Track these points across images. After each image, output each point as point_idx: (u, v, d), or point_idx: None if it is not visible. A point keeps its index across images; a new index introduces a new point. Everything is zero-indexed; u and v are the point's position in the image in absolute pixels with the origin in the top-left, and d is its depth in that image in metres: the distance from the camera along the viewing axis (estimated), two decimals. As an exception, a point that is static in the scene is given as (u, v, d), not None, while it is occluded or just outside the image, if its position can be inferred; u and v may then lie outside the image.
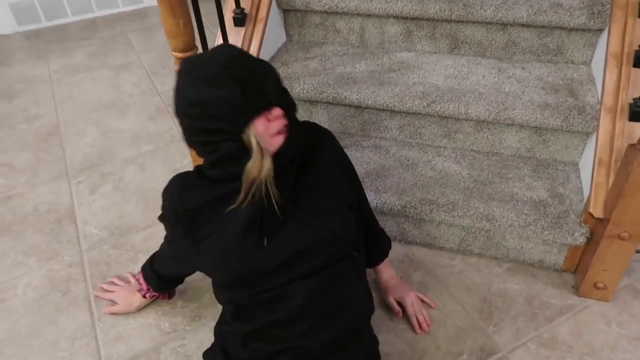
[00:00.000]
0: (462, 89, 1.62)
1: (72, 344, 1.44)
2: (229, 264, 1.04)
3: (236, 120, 0.91)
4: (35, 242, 1.77)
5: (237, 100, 0.89)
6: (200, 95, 0.90)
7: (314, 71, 1.75)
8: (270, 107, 0.93)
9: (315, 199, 1.08)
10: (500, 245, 1.55)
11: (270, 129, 0.94)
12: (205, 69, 0.91)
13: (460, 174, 1.60)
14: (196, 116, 0.92)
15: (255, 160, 0.94)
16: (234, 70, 0.90)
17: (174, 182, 1.09)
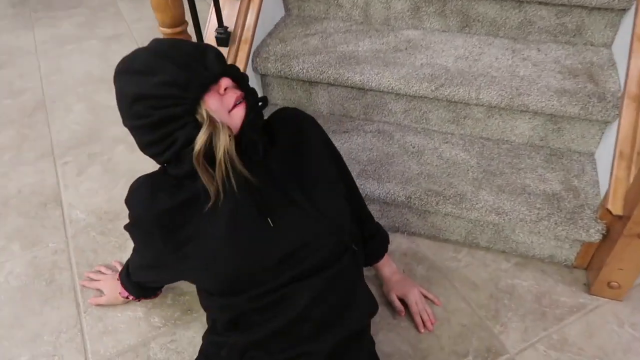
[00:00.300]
0: (473, 71, 1.51)
1: (57, 337, 1.37)
2: (220, 265, 0.95)
3: (183, 100, 0.85)
4: (19, 227, 1.68)
5: (177, 78, 0.84)
6: (139, 88, 0.85)
7: (314, 49, 1.63)
8: (217, 79, 0.88)
9: (309, 188, 1.00)
10: (509, 239, 1.47)
11: (225, 103, 0.89)
12: (136, 62, 0.87)
13: (469, 163, 1.51)
14: (142, 112, 0.86)
15: (203, 132, 0.86)
16: (166, 53, 0.86)
17: (141, 184, 0.97)
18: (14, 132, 2.09)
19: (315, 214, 0.97)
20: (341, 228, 1.01)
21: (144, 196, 0.95)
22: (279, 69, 1.61)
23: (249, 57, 1.59)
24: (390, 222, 1.56)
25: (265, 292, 0.96)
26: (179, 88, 0.83)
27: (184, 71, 0.84)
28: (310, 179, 1.01)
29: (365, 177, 1.48)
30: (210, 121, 0.86)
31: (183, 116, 0.85)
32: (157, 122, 0.85)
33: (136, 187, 0.97)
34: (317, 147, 1.06)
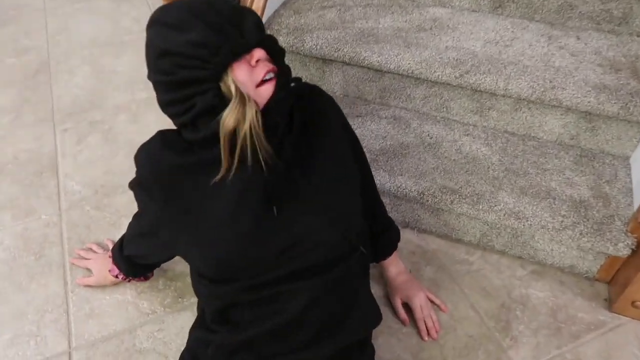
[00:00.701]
0: (503, 58, 1.37)
1: (42, 316, 1.31)
2: (216, 246, 0.87)
3: (210, 64, 0.77)
4: (13, 195, 1.62)
5: (208, 40, 0.76)
6: (167, 43, 0.78)
7: (331, 24, 1.50)
8: (250, 49, 0.80)
9: (320, 178, 0.91)
10: (527, 244, 1.36)
11: (254, 76, 0.80)
12: (169, 14, 0.80)
13: (490, 159, 1.38)
14: (167, 69, 0.79)
15: (233, 108, 0.78)
16: (201, 10, 0.78)
17: (152, 139, 0.91)
18: (16, 93, 2.01)
19: (322, 207, 0.89)
20: (349, 225, 0.92)
21: (152, 150, 0.89)
22: (291, 44, 1.48)
23: (259, 29, 1.47)
24: (400, 216, 1.45)
25: (259, 285, 0.88)
26: (208, 51, 0.76)
27: (217, 34, 0.76)
28: (323, 168, 0.91)
29: (376, 168, 1.37)
30: (239, 95, 0.78)
31: (206, 81, 0.78)
32: (180, 81, 0.78)
33: (146, 142, 0.91)
34: (335, 132, 0.97)
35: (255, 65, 0.80)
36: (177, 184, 0.86)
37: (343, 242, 0.92)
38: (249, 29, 0.79)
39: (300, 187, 0.88)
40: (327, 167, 0.91)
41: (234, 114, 0.78)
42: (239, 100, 0.78)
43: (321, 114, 0.94)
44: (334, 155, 0.94)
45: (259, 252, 0.86)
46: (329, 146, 0.93)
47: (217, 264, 0.88)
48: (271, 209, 0.85)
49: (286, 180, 0.87)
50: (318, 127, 0.92)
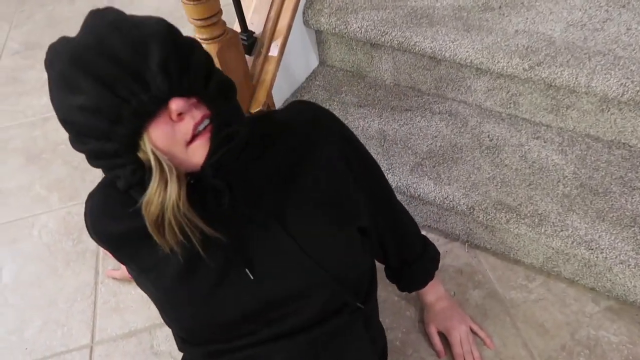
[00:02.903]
0: (588, 46, 1.09)
1: (71, 306, 1.32)
2: (174, 311, 0.76)
3: (113, 135, 0.59)
4: (61, 176, 1.64)
5: (102, 105, 0.58)
6: (61, 107, 0.61)
7: (379, 2, 1.30)
8: (165, 101, 0.59)
9: (310, 224, 0.74)
10: (602, 276, 1.11)
11: (179, 134, 0.61)
12: (55, 66, 0.60)
13: (562, 170, 1.13)
14: (73, 137, 0.63)
15: (153, 190, 0.62)
16: (88, 61, 0.57)
17: (97, 196, 0.77)
18: (77, 70, 2.04)
19: (306, 262, 0.72)
20: (341, 281, 0.75)
21: (93, 214, 0.76)
22: (333, 25, 1.30)
23: (297, 8, 1.30)
24: (448, 227, 1.26)
25: (233, 349, 0.76)
26: (106, 119, 0.58)
27: (111, 93, 0.57)
28: (309, 214, 0.74)
29: (420, 174, 1.18)
30: (159, 170, 0.61)
31: (118, 155, 0.61)
32: (93, 152, 0.63)
33: (89, 198, 0.79)
34: (329, 157, 0.77)
35: (177, 119, 0.60)
36: (126, 248, 0.74)
37: (333, 300, 0.76)
38: (154, 75, 0.58)
39: (278, 241, 0.71)
40: (314, 213, 0.74)
41: (155, 198, 0.61)
42: (160, 179, 0.61)
43: (312, 146, 0.76)
44: (326, 197, 0.76)
45: (226, 318, 0.72)
46: (319, 187, 0.75)
47: (180, 328, 0.77)
48: (236, 271, 0.71)
49: (257, 235, 0.71)
50: (305, 165, 0.74)
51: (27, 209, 1.56)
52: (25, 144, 1.76)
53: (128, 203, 0.68)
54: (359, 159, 0.83)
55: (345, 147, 0.80)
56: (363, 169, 0.84)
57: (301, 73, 1.46)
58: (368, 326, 0.86)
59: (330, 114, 0.81)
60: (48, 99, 1.95)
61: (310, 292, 0.74)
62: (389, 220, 0.91)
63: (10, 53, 2.15)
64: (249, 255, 0.72)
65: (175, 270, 0.71)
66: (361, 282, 0.83)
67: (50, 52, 0.61)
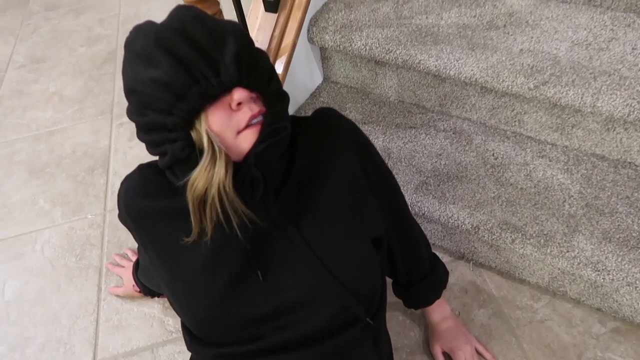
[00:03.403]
0: (593, 66, 1.09)
1: (74, 323, 1.31)
2: (191, 304, 0.76)
3: (175, 110, 0.64)
4: (65, 190, 1.64)
5: (174, 80, 0.63)
6: (133, 79, 0.66)
7: (384, 20, 1.30)
8: (228, 90, 0.65)
9: (326, 234, 0.75)
10: (608, 297, 1.10)
11: (234, 123, 0.66)
12: (137, 42, 0.66)
13: (568, 190, 1.13)
14: (135, 109, 0.67)
15: (203, 168, 0.65)
16: (169, 40, 0.63)
17: (132, 177, 0.81)
18: (82, 84, 2.04)
19: (321, 272, 0.73)
20: (354, 294, 0.76)
21: (128, 192, 0.78)
22: (338, 43, 1.31)
23: (302, 26, 1.31)
24: (453, 246, 1.25)
25: (240, 354, 0.76)
26: (174, 94, 0.63)
27: (185, 72, 0.63)
28: (327, 223, 0.75)
29: (425, 193, 1.18)
30: (211, 152, 0.65)
31: (174, 129, 0.65)
32: (148, 125, 0.67)
33: (126, 177, 0.82)
34: (349, 166, 0.79)
35: (236, 108, 0.66)
36: (154, 229, 0.75)
37: (344, 313, 0.76)
38: (227, 64, 0.64)
39: (295, 247, 0.73)
40: (332, 221, 0.75)
41: (203, 176, 0.65)
42: (210, 159, 0.64)
43: (331, 153, 0.77)
44: (344, 206, 0.76)
45: (238, 318, 0.73)
46: (337, 195, 0.76)
47: (193, 321, 0.77)
48: (254, 272, 0.72)
49: (276, 239, 0.73)
50: (324, 172, 0.76)
51: (31, 223, 1.56)
52: (29, 157, 1.77)
53: (164, 185, 0.74)
54: (377, 169, 0.84)
55: (364, 156, 0.81)
56: (380, 179, 0.84)
57: (305, 89, 1.46)
58: (377, 342, 0.86)
59: (350, 122, 0.83)
60: (53, 112, 1.95)
61: (321, 301, 0.75)
62: (401, 234, 0.91)
63: (16, 66, 2.16)
64: (266, 257, 0.73)
65: (199, 261, 0.72)
66: (373, 297, 0.83)
67: (135, 30, 0.67)
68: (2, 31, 2.40)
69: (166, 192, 0.74)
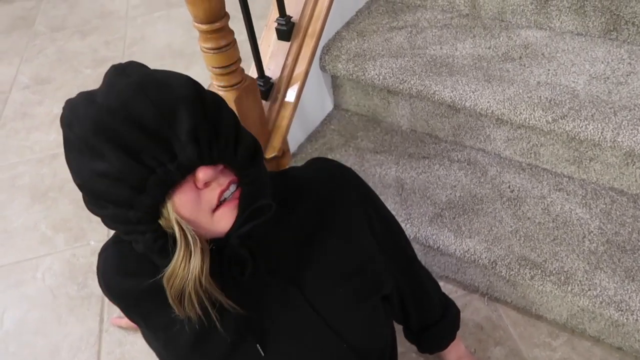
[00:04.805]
0: (613, 100, 1.08)
1: (74, 356, 1.27)
2: None
3: (136, 204, 0.56)
4: (67, 216, 1.61)
5: (124, 174, 0.55)
6: (79, 171, 0.58)
7: (398, 49, 1.29)
8: (191, 170, 0.57)
9: (328, 291, 0.71)
10: (630, 336, 1.07)
11: (204, 202, 0.59)
12: (75, 126, 0.57)
13: (588, 225, 1.10)
14: (91, 200, 0.60)
15: (177, 263, 0.59)
16: (108, 129, 0.54)
17: (109, 252, 0.75)
18: (87, 106, 2.02)
19: (327, 336, 0.69)
20: (360, 354, 0.72)
21: (106, 271, 0.74)
22: (351, 72, 1.29)
23: (315, 54, 1.29)
24: (467, 279, 1.22)
25: None
26: (129, 189, 0.55)
27: (136, 163, 0.54)
28: (333, 279, 0.71)
29: (440, 226, 1.15)
30: (184, 242, 0.58)
31: (140, 222, 0.58)
32: (111, 217, 0.60)
33: (102, 252, 0.77)
34: (351, 220, 0.75)
35: (203, 187, 0.58)
36: (139, 307, 0.71)
37: None
38: (182, 144, 0.55)
39: (298, 311, 0.68)
40: (337, 282, 0.71)
41: (179, 273, 0.59)
42: (184, 253, 0.58)
43: (334, 207, 0.73)
44: (350, 264, 0.72)
45: None
46: (341, 253, 0.72)
47: None
48: (252, 345, 0.67)
49: (275, 302, 0.68)
50: (327, 229, 0.71)
51: (32, 250, 1.52)
52: (32, 180, 1.73)
53: (143, 259, 0.66)
54: (381, 219, 0.81)
55: (367, 207, 0.77)
56: (385, 229, 0.81)
57: (316, 117, 1.45)
58: None
59: (350, 172, 0.79)
60: (57, 135, 1.92)
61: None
62: (410, 283, 0.88)
63: (20, 87, 2.14)
64: (265, 326, 0.68)
65: (189, 337, 0.68)
66: (385, 351, 0.79)
67: (70, 112, 0.58)
68: (7, 52, 2.38)
69: (146, 268, 0.67)
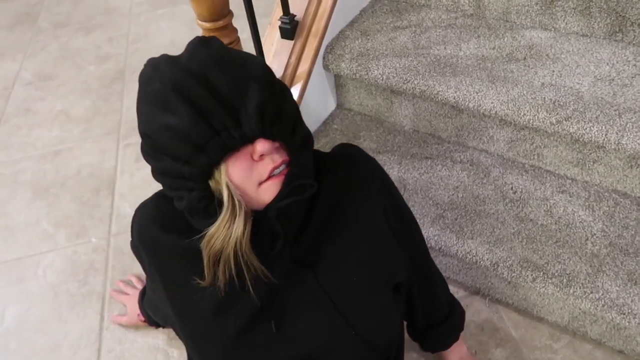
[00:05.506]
0: (617, 102, 1.07)
1: (75, 353, 1.27)
2: (198, 345, 0.73)
3: (193, 161, 0.60)
4: (69, 212, 1.61)
5: (192, 131, 0.59)
6: (148, 121, 0.62)
7: (402, 49, 1.28)
8: (252, 140, 0.61)
9: (342, 277, 0.72)
10: (631, 339, 1.07)
11: (255, 173, 0.63)
12: (151, 84, 0.62)
13: (590, 228, 1.10)
14: (150, 151, 0.63)
15: (222, 224, 0.62)
16: (187, 88, 0.59)
17: (150, 203, 0.78)
18: (90, 103, 2.02)
19: (339, 321, 0.70)
20: (373, 344, 0.72)
21: (143, 219, 0.76)
22: (354, 71, 1.29)
23: (318, 53, 1.29)
24: (468, 280, 1.22)
25: None
26: (192, 145, 0.59)
27: (204, 123, 0.59)
28: (349, 266, 0.72)
29: (442, 227, 1.15)
30: (231, 206, 0.61)
31: (191, 179, 0.62)
32: (164, 169, 0.63)
33: (142, 204, 0.79)
34: (372, 210, 0.75)
35: (258, 159, 0.62)
36: (165, 264, 0.73)
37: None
38: (249, 116, 0.59)
39: (312, 295, 0.70)
40: (352, 269, 0.72)
41: (222, 234, 0.61)
42: (230, 215, 0.61)
43: (355, 196, 0.74)
44: (366, 253, 0.73)
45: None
46: (359, 241, 0.73)
47: (200, 356, 0.73)
48: (267, 321, 0.69)
49: (292, 285, 0.69)
50: (347, 216, 0.72)
51: (33, 246, 1.52)
52: (34, 177, 1.73)
53: (180, 219, 0.70)
54: (398, 213, 0.81)
55: (386, 200, 0.78)
56: (401, 223, 0.81)
57: (319, 116, 1.44)
58: None
59: (374, 163, 0.79)
60: (59, 131, 1.92)
61: (337, 353, 0.71)
62: (421, 279, 0.88)
63: (23, 83, 2.14)
64: (280, 305, 0.69)
65: (210, 306, 0.69)
66: (392, 345, 0.79)
67: (152, 68, 0.62)
68: (10, 48, 2.38)
69: (181, 229, 0.70)
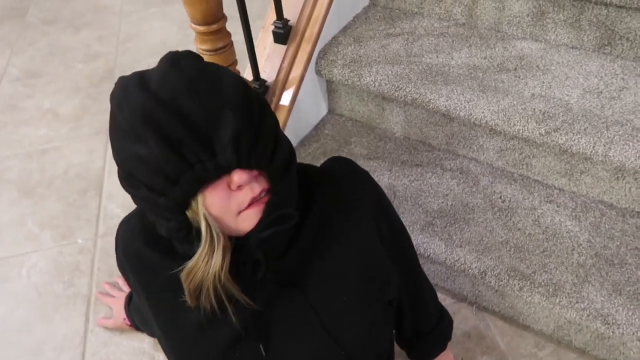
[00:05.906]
0: (605, 115, 1.09)
1: (58, 355, 1.25)
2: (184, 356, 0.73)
3: (168, 192, 0.58)
4: (55, 213, 1.59)
5: (162, 164, 0.56)
6: (120, 150, 0.59)
7: (394, 57, 1.29)
8: (228, 171, 0.58)
9: (331, 295, 0.71)
10: (615, 349, 1.08)
11: (233, 203, 0.60)
12: (121, 110, 0.58)
13: (577, 238, 1.11)
14: (126, 177, 0.61)
15: (199, 258, 0.60)
16: (157, 119, 0.56)
17: (134, 218, 0.76)
18: (78, 101, 2.00)
19: (327, 341, 0.69)
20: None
21: (127, 234, 0.75)
22: (346, 77, 1.29)
23: (311, 58, 1.29)
24: (456, 288, 1.22)
25: None
26: (165, 177, 0.57)
27: (176, 155, 0.56)
28: (338, 283, 0.71)
29: (431, 234, 1.15)
30: (209, 239, 0.60)
31: (167, 210, 0.60)
32: (141, 198, 0.61)
33: (124, 222, 0.78)
34: (363, 225, 0.74)
35: (236, 190, 0.60)
36: (149, 279, 0.72)
37: None
38: (224, 146, 0.56)
39: (300, 314, 0.69)
40: (341, 287, 0.71)
41: (201, 268, 0.60)
42: (208, 248, 0.59)
43: (346, 211, 0.73)
44: (356, 270, 0.72)
45: None
46: (349, 258, 0.72)
47: None
48: (250, 343, 0.68)
49: (279, 303, 0.68)
50: (337, 232, 0.71)
51: (18, 246, 1.50)
52: (20, 175, 1.71)
53: (164, 237, 0.67)
54: (391, 228, 0.81)
55: (379, 215, 0.77)
56: (393, 236, 0.81)
57: (310, 121, 1.44)
58: None
59: (367, 177, 0.78)
60: (47, 130, 1.89)
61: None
62: (411, 291, 0.88)
63: (10, 79, 2.11)
64: (268, 326, 0.68)
65: (194, 324, 0.68)
66: (381, 358, 0.79)
67: (121, 92, 0.59)
68: (-3, 43, 2.35)
69: (165, 249, 0.69)
